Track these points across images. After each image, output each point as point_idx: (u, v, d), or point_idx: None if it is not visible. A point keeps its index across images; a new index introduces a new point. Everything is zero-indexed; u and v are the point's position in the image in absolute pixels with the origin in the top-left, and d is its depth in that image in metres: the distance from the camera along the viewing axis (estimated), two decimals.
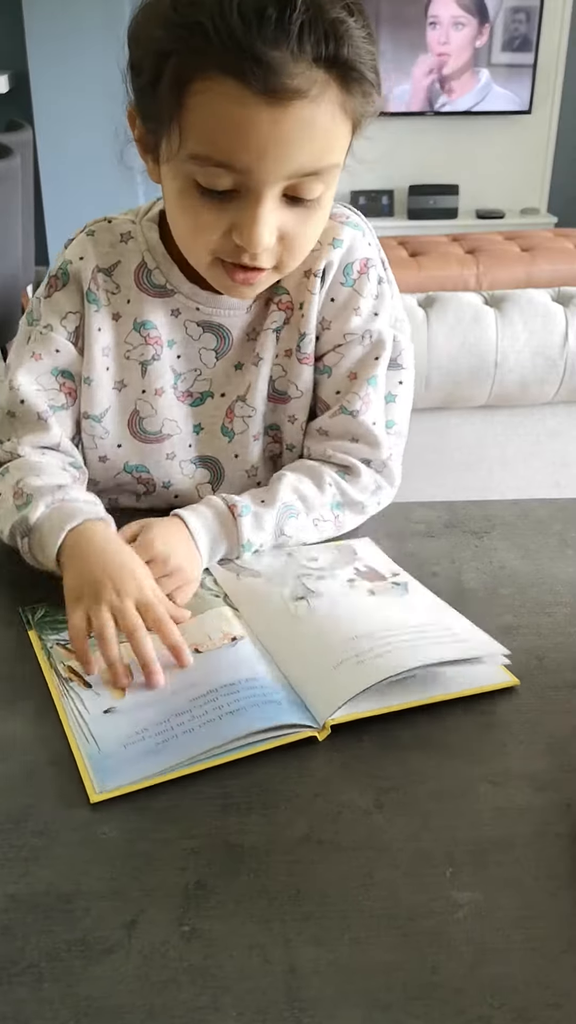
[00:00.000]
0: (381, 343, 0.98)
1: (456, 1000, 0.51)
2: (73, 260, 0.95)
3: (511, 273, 2.70)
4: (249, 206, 0.79)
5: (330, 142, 0.78)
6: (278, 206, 0.80)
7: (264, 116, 0.73)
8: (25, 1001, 0.51)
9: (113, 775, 0.65)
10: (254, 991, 0.51)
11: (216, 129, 0.75)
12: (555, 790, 0.65)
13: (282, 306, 0.97)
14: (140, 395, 0.99)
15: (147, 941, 0.54)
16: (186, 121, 0.76)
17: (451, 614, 0.82)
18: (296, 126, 0.75)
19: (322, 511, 0.96)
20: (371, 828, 0.62)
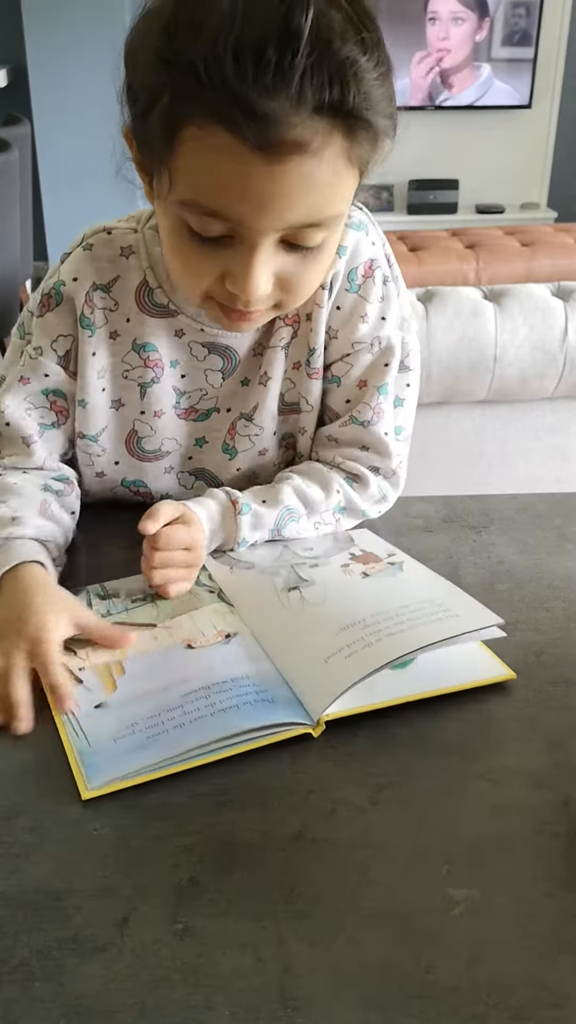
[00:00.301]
0: (390, 349, 0.95)
1: (452, 999, 0.50)
2: (67, 281, 0.90)
3: (511, 268, 2.69)
4: (243, 254, 0.73)
5: (332, 194, 0.72)
6: (275, 253, 0.74)
7: (259, 170, 0.67)
8: (16, 1000, 0.51)
9: (102, 770, 0.65)
10: (247, 990, 0.51)
11: (207, 180, 0.69)
12: (552, 788, 0.64)
13: (288, 320, 0.93)
14: (139, 416, 0.96)
15: (139, 939, 0.54)
16: (176, 167, 0.70)
17: (446, 588, 0.82)
18: (294, 181, 0.68)
19: (324, 515, 0.95)
20: (366, 825, 0.61)
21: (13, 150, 2.64)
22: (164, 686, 0.73)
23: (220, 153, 0.67)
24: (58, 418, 0.96)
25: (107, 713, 0.71)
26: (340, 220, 0.76)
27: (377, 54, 0.68)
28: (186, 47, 0.65)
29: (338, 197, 0.73)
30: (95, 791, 0.64)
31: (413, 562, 0.87)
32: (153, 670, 0.75)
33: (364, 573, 0.85)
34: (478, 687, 0.73)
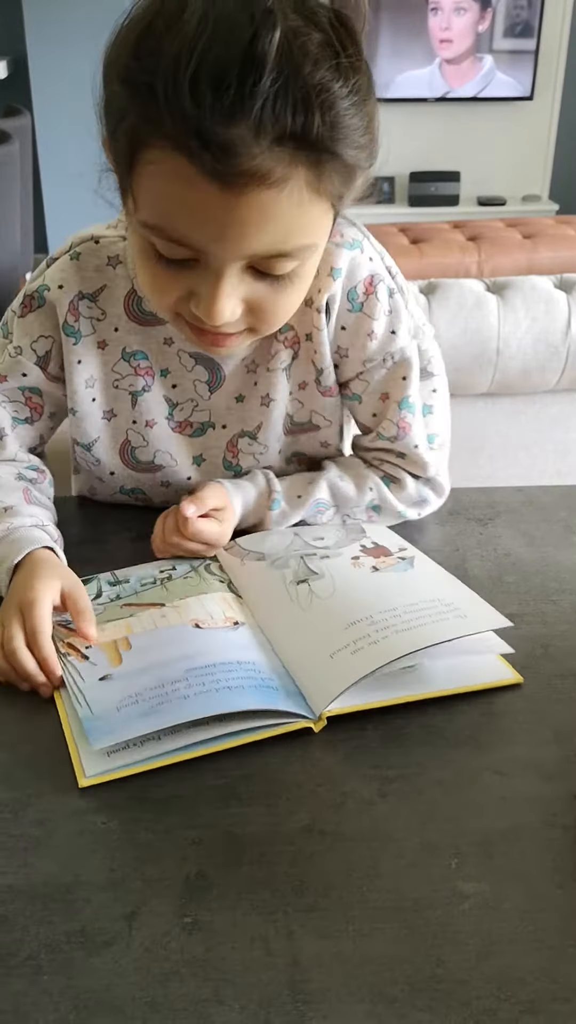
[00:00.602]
0: (405, 362, 0.91)
1: (462, 992, 0.50)
2: (51, 287, 0.88)
3: (513, 260, 2.68)
4: (208, 279, 0.70)
5: (298, 225, 0.68)
6: (242, 279, 0.71)
7: (216, 200, 0.64)
8: (24, 993, 0.50)
9: (105, 735, 0.66)
10: (257, 984, 0.51)
11: (166, 206, 0.67)
12: (561, 780, 0.64)
13: (288, 343, 0.90)
14: (131, 425, 0.95)
15: (148, 933, 0.54)
16: (138, 189, 0.68)
17: (456, 587, 0.81)
18: (253, 212, 0.65)
19: (355, 510, 0.95)
20: (375, 818, 0.61)
21: (13, 142, 2.63)
22: (169, 660, 0.73)
23: (178, 180, 0.64)
24: (32, 414, 0.95)
25: (111, 684, 0.71)
26: (312, 250, 0.73)
27: (355, 79, 0.64)
28: (149, 69, 0.63)
29: (306, 229, 0.69)
30: (93, 779, 0.64)
31: (423, 557, 0.86)
32: (159, 645, 0.75)
33: (374, 567, 0.84)
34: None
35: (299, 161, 0.64)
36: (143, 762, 0.65)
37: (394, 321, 0.90)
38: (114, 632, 0.78)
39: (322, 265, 0.84)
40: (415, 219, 4.13)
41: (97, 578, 0.86)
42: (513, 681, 0.73)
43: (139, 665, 0.73)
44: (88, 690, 0.71)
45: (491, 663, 0.75)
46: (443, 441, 0.99)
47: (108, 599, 0.83)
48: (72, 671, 0.73)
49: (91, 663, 0.74)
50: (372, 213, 4.77)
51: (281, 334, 0.89)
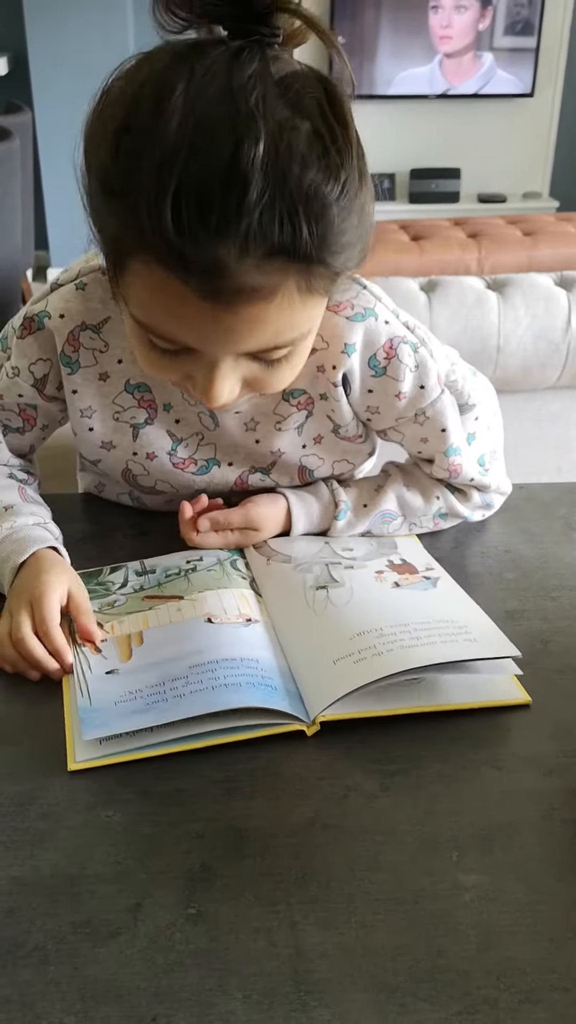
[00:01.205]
0: (440, 415, 0.89)
1: (462, 983, 0.51)
2: (52, 315, 0.85)
3: (513, 257, 2.68)
4: (203, 368, 0.69)
5: (289, 324, 0.67)
6: (238, 364, 0.70)
7: (206, 314, 0.63)
8: (31, 983, 0.51)
9: (97, 728, 0.67)
10: (260, 974, 0.51)
11: (154, 312, 0.66)
12: (561, 775, 0.65)
13: (300, 406, 0.89)
14: (131, 456, 0.93)
15: (153, 924, 0.54)
16: (127, 290, 0.67)
17: (473, 611, 0.80)
18: (244, 324, 0.64)
19: (423, 519, 0.95)
20: (376, 812, 0.62)
21: (14, 138, 2.63)
22: (176, 656, 0.74)
23: (164, 292, 0.63)
24: (24, 424, 0.94)
25: (116, 679, 0.73)
26: (306, 335, 0.71)
27: (346, 174, 0.61)
28: (128, 179, 0.60)
29: (297, 325, 0.68)
30: (82, 764, 0.65)
31: (448, 579, 0.85)
32: (169, 641, 0.76)
33: (396, 583, 0.84)
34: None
35: (289, 272, 0.62)
36: (133, 751, 0.66)
37: (422, 376, 0.87)
38: (131, 626, 0.79)
39: (334, 341, 0.84)
40: (415, 216, 4.13)
41: (126, 567, 0.88)
42: (521, 702, 0.72)
43: (146, 661, 0.74)
44: (93, 682, 0.72)
45: (500, 681, 0.74)
46: (494, 453, 0.97)
47: (132, 589, 0.84)
48: (83, 660, 0.75)
49: (102, 656, 0.75)
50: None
51: (293, 398, 0.88)
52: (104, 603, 0.82)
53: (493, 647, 0.74)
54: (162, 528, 0.95)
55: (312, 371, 0.86)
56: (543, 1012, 0.49)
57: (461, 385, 0.91)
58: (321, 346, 0.84)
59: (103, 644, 0.77)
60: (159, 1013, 0.50)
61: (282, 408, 0.89)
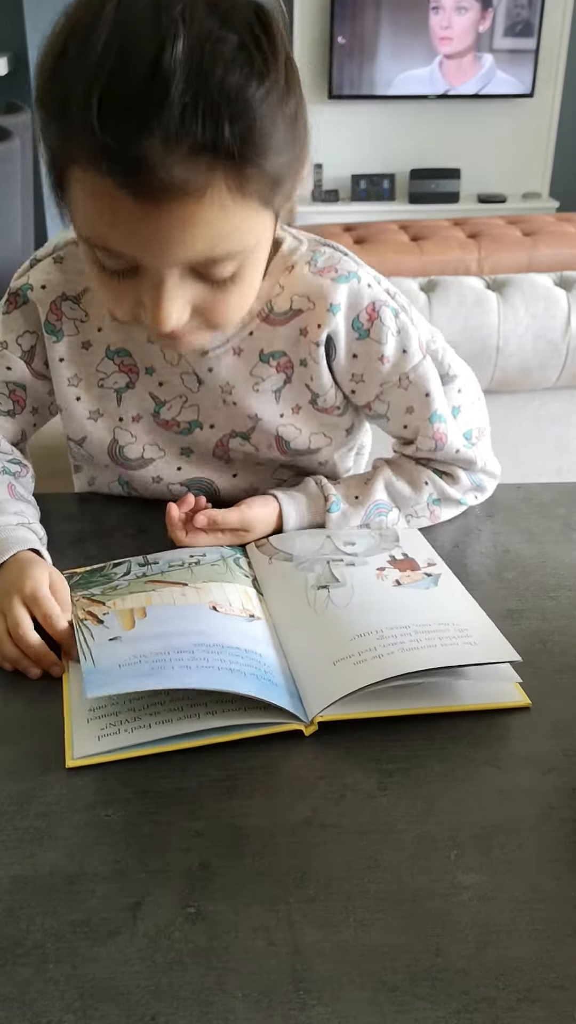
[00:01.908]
0: (423, 378, 0.91)
1: (461, 981, 0.51)
2: (35, 287, 0.89)
3: (513, 257, 2.69)
4: (149, 288, 0.71)
5: (229, 231, 0.68)
6: (183, 283, 0.71)
7: (137, 214, 0.65)
8: (30, 982, 0.51)
9: (102, 686, 0.67)
10: (259, 972, 0.52)
11: (93, 220, 0.68)
12: (560, 774, 0.65)
13: (280, 367, 0.90)
14: (118, 424, 0.95)
15: (152, 923, 0.54)
16: (70, 202, 0.70)
17: (473, 612, 0.79)
18: (176, 223, 0.65)
19: (417, 507, 0.95)
20: (375, 811, 0.62)
21: (14, 138, 2.63)
22: (181, 632, 0.74)
23: (99, 196, 0.65)
24: (15, 407, 0.96)
25: (119, 644, 0.72)
26: (253, 253, 0.73)
27: (271, 80, 0.64)
28: (61, 90, 0.64)
29: (235, 234, 0.69)
30: (79, 760, 0.66)
31: (449, 575, 0.85)
32: (174, 618, 0.76)
33: (397, 581, 0.84)
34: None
35: (216, 169, 0.64)
36: (131, 748, 0.66)
37: (404, 340, 0.89)
38: (133, 602, 0.79)
39: (319, 301, 0.86)
40: (415, 216, 4.13)
41: (129, 561, 0.88)
42: (521, 704, 0.72)
43: (150, 631, 0.74)
44: (96, 648, 0.72)
45: (500, 685, 0.73)
46: (480, 431, 0.99)
47: (135, 576, 0.84)
48: (85, 633, 0.75)
49: (104, 627, 0.75)
50: (372, 210, 4.78)
51: (273, 359, 0.90)
52: (107, 587, 0.82)
53: (493, 651, 0.74)
54: (162, 524, 0.95)
55: (295, 334, 0.88)
56: (541, 1010, 0.50)
57: (442, 355, 0.94)
58: (307, 307, 0.86)
59: (105, 616, 0.76)
60: (158, 1012, 0.50)
61: (260, 369, 0.90)
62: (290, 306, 0.87)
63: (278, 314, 0.88)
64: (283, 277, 0.87)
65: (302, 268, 0.87)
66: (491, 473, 0.99)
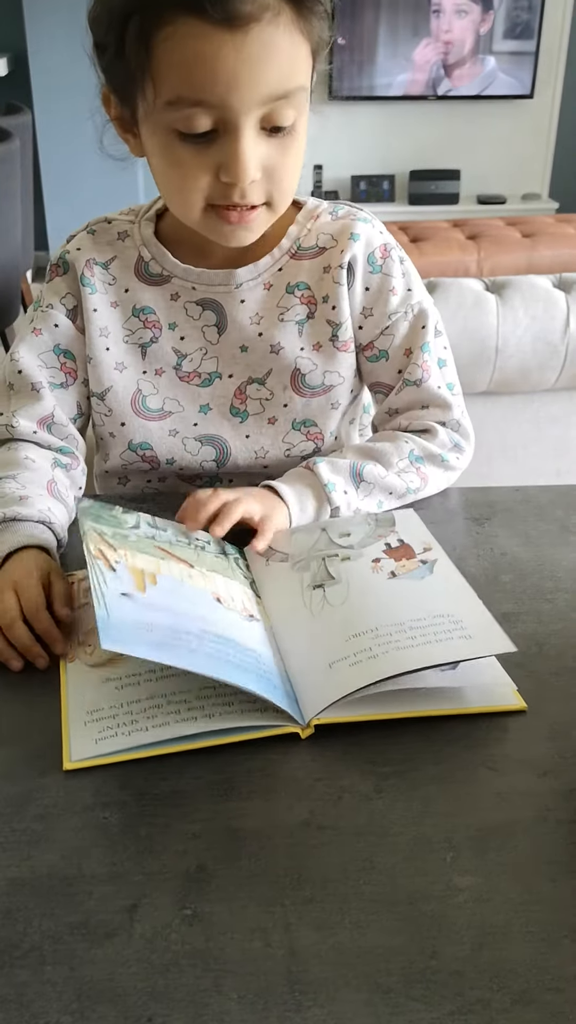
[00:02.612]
0: (423, 313, 1.02)
1: (456, 983, 0.51)
2: (71, 250, 1.01)
3: (512, 259, 2.69)
4: (230, 142, 0.82)
5: (293, 63, 0.82)
6: (257, 138, 0.83)
7: (228, 44, 0.78)
8: (28, 983, 0.51)
9: (116, 642, 0.65)
10: (255, 974, 0.52)
11: (186, 68, 0.79)
12: (556, 776, 0.65)
13: (304, 300, 1.00)
14: (141, 375, 1.02)
15: (149, 924, 0.55)
16: (157, 70, 0.80)
17: (468, 602, 0.79)
18: (259, 48, 0.79)
19: (401, 464, 0.99)
20: (371, 813, 0.62)
21: (14, 139, 2.64)
22: (189, 613, 0.74)
23: (192, 39, 0.78)
24: (67, 379, 1.02)
25: (131, 603, 0.71)
26: (304, 97, 0.85)
27: None
28: None
29: (299, 67, 0.83)
30: (77, 763, 0.66)
31: (445, 562, 0.85)
32: (183, 597, 0.76)
33: (392, 572, 0.84)
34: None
35: (283, 2, 0.79)
36: (129, 751, 0.66)
37: (410, 281, 1.02)
38: (144, 563, 0.77)
39: (340, 234, 0.99)
40: (415, 217, 4.14)
41: (138, 515, 0.87)
42: (517, 708, 0.72)
43: (160, 602, 0.73)
44: (110, 597, 0.70)
45: (497, 688, 0.74)
46: (459, 392, 1.06)
47: (144, 534, 0.83)
48: (98, 574, 0.73)
49: (117, 576, 0.73)
50: (372, 211, 4.77)
51: (299, 291, 0.99)
52: (118, 532, 0.81)
53: (488, 643, 0.74)
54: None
55: (319, 270, 0.99)
56: (535, 1012, 0.50)
57: (433, 309, 1.04)
58: (331, 244, 0.99)
59: (117, 565, 0.75)
60: (155, 1013, 0.50)
61: (285, 300, 1.00)
62: (316, 243, 1.00)
63: (305, 249, 1.00)
64: (309, 223, 1.01)
65: (325, 216, 1.01)
66: (466, 432, 1.05)
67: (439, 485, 1.02)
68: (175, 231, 0.99)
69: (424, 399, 1.02)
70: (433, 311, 1.03)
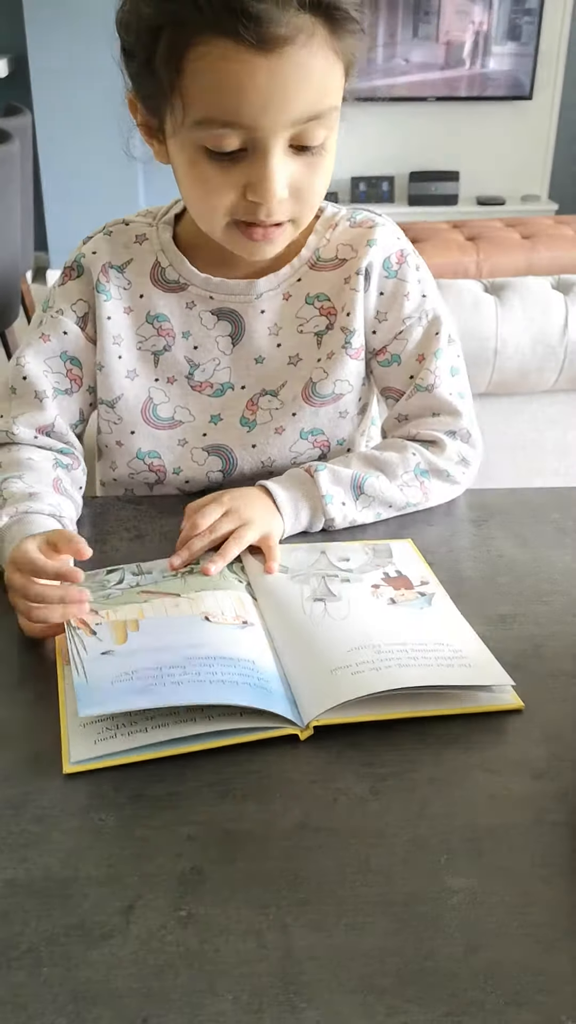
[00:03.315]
0: (437, 319, 1.01)
1: (450, 984, 0.52)
2: (87, 254, 1.00)
3: (511, 260, 2.69)
4: (259, 161, 0.82)
5: (326, 84, 0.81)
6: (286, 157, 0.83)
7: (261, 67, 0.77)
8: (24, 984, 0.52)
9: (94, 705, 0.68)
10: (250, 975, 0.52)
11: (218, 89, 0.78)
12: (551, 779, 0.66)
13: (323, 311, 1.00)
14: (153, 383, 1.02)
15: (144, 926, 0.55)
16: (187, 89, 0.79)
17: (467, 635, 0.79)
18: (292, 72, 0.78)
19: (405, 477, 0.98)
20: (367, 815, 0.63)
21: (14, 141, 2.64)
22: (173, 645, 0.74)
23: (225, 61, 0.77)
24: (72, 385, 1.02)
25: (111, 659, 0.73)
26: (335, 116, 0.84)
27: None
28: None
29: (331, 88, 0.82)
30: (76, 767, 0.66)
31: (443, 595, 0.85)
32: (166, 631, 0.77)
33: (392, 600, 0.84)
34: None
35: (318, 23, 0.78)
36: (127, 753, 0.66)
37: (425, 287, 1.02)
38: (126, 614, 0.79)
39: (359, 240, 0.98)
40: (414, 219, 4.13)
41: (122, 568, 0.88)
42: (514, 707, 0.72)
43: (142, 646, 0.74)
44: (88, 662, 0.72)
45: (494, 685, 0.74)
46: (469, 399, 1.05)
47: (128, 586, 0.84)
48: (78, 643, 0.75)
49: (97, 639, 0.75)
50: None
51: (318, 301, 0.99)
52: (100, 595, 0.83)
53: (487, 675, 0.74)
54: (159, 530, 0.96)
55: (339, 281, 0.99)
56: (529, 1014, 0.50)
57: (447, 317, 1.04)
58: (350, 255, 0.98)
59: (98, 627, 0.77)
60: (150, 1014, 0.50)
61: (304, 311, 1.00)
62: (335, 254, 0.99)
63: (324, 261, 0.99)
64: (328, 232, 1.00)
65: (343, 224, 1.00)
66: (475, 443, 1.04)
67: (442, 499, 1.02)
68: (193, 237, 0.98)
69: (434, 406, 1.02)
70: (447, 319, 1.02)
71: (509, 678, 0.73)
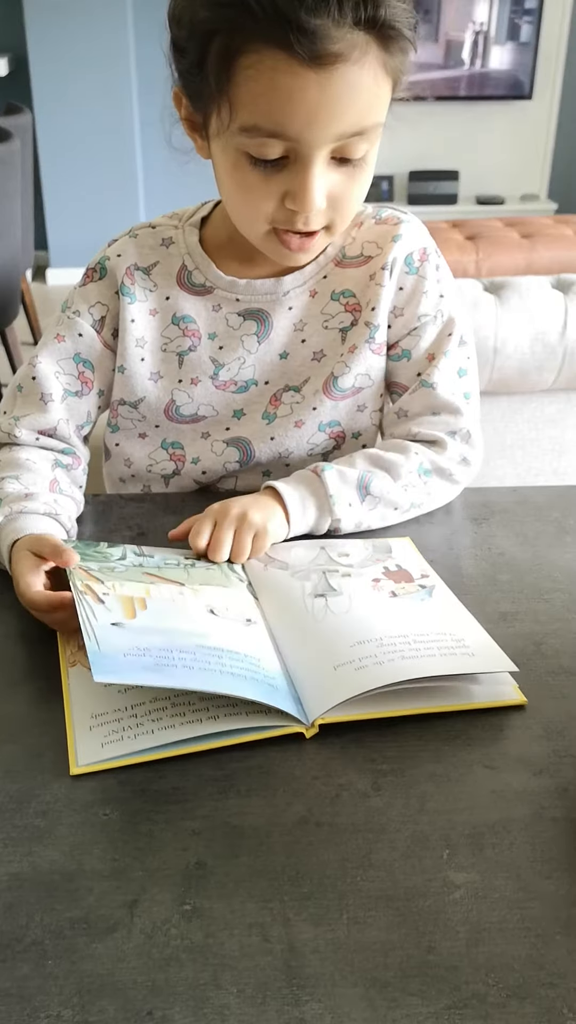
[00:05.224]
0: (452, 321, 1.02)
1: (452, 978, 0.52)
2: (111, 256, 1.00)
3: (511, 259, 2.70)
4: (300, 171, 0.82)
5: (373, 101, 0.81)
6: (327, 169, 0.83)
7: (312, 82, 0.77)
8: (29, 977, 0.52)
9: (109, 673, 0.67)
10: (254, 969, 0.52)
11: (266, 100, 0.78)
12: (551, 775, 0.66)
13: (348, 307, 1.01)
14: (176, 385, 1.02)
15: (149, 920, 0.55)
16: (235, 95, 0.80)
17: (469, 624, 0.80)
18: (342, 89, 0.78)
19: (409, 477, 0.98)
20: (369, 810, 0.63)
21: (14, 139, 2.64)
22: (181, 631, 0.74)
23: (276, 72, 0.77)
24: (83, 388, 1.02)
25: (122, 631, 0.72)
26: (379, 131, 0.85)
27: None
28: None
29: (378, 105, 0.83)
30: (84, 768, 0.66)
31: (443, 587, 0.85)
32: (174, 616, 0.76)
33: (393, 592, 0.84)
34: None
35: (372, 41, 0.78)
36: (135, 754, 0.67)
37: (443, 287, 1.02)
38: (132, 591, 0.78)
39: (384, 236, 1.00)
40: None
41: (124, 546, 0.88)
42: (517, 702, 0.73)
43: (152, 624, 0.74)
44: (99, 629, 0.71)
45: (497, 684, 0.74)
46: (475, 403, 1.05)
47: (131, 564, 0.84)
48: (87, 608, 0.74)
49: (106, 608, 0.75)
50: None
51: (344, 297, 1.00)
52: (104, 566, 0.82)
53: (491, 662, 0.75)
54: (161, 528, 0.96)
55: (365, 278, 1.00)
56: (530, 1007, 0.50)
57: (463, 319, 1.04)
58: (375, 252, 0.99)
59: (105, 597, 0.76)
60: (155, 1007, 0.51)
61: (330, 307, 1.01)
62: (360, 252, 1.00)
63: (350, 258, 1.00)
64: (354, 231, 1.01)
65: (369, 222, 1.01)
66: (475, 444, 1.04)
67: (443, 499, 1.02)
68: (221, 239, 0.99)
69: (436, 405, 1.02)
70: (462, 321, 1.02)
71: (512, 663, 0.74)
